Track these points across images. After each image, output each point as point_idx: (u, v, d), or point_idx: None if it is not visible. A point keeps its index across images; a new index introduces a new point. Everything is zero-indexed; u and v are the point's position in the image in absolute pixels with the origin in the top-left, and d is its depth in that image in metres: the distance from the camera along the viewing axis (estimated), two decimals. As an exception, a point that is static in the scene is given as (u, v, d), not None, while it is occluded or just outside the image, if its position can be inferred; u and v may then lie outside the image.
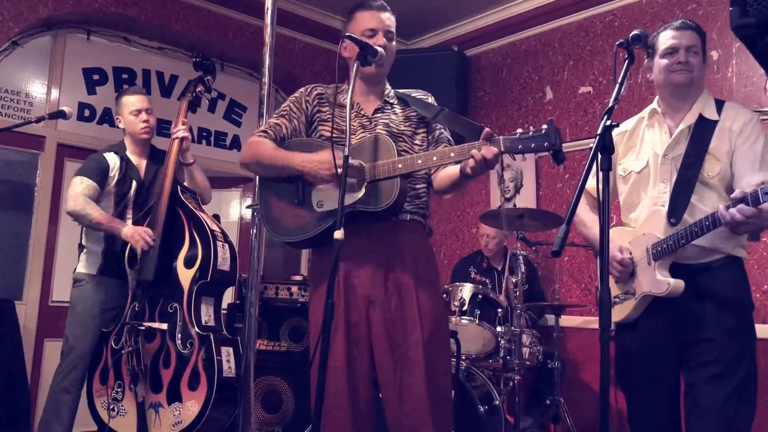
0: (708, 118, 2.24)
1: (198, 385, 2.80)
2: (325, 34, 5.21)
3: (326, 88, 2.29)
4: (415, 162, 1.99)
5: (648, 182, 2.31)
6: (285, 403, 3.75)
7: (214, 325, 3.01)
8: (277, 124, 2.24)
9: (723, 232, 2.12)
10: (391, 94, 2.29)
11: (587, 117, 4.52)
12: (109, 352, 3.02)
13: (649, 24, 4.19)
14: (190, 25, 4.72)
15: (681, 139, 2.26)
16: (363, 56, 2.02)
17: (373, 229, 2.09)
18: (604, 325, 1.64)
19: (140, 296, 3.01)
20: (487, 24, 5.13)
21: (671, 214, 2.21)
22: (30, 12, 4.14)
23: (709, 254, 2.19)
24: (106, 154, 3.24)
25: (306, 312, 3.84)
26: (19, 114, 4.27)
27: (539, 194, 4.74)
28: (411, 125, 2.24)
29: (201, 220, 3.06)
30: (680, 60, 2.24)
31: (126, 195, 3.22)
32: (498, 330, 3.55)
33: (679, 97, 2.29)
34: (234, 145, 5.25)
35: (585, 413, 3.95)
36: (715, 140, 2.20)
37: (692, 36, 2.26)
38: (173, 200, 3.10)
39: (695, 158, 2.20)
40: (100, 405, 3.00)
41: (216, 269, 2.97)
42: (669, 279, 2.18)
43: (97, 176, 3.14)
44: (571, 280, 4.48)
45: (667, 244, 2.18)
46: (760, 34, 1.39)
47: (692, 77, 2.24)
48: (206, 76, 3.41)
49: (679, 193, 2.21)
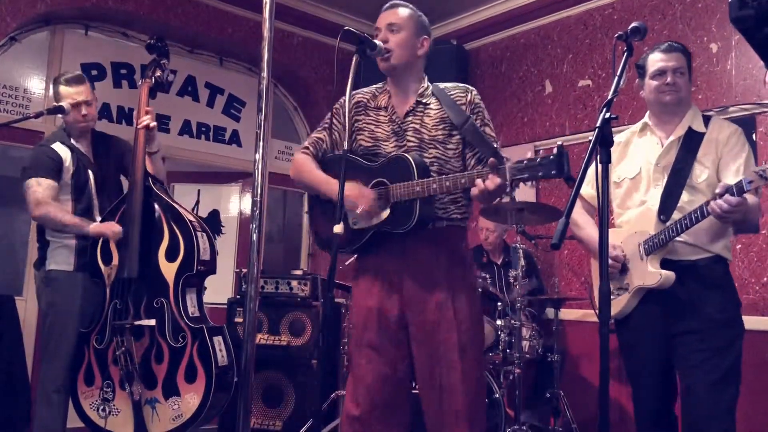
0: (696, 130, 2.43)
1: (196, 378, 2.79)
2: (324, 29, 5.19)
3: (365, 94, 2.30)
4: (431, 186, 2.00)
5: (640, 187, 2.48)
6: (285, 398, 3.77)
7: (200, 315, 2.98)
8: (318, 139, 2.30)
9: (711, 232, 2.32)
10: (428, 91, 2.22)
11: (587, 110, 4.51)
12: (92, 352, 2.93)
13: (649, 17, 4.19)
14: (189, 20, 4.71)
15: (671, 148, 2.44)
16: (362, 50, 2.04)
17: (408, 242, 2.12)
18: (603, 318, 1.65)
19: (120, 293, 2.92)
20: (487, 17, 5.11)
21: (661, 212, 2.37)
22: (28, 7, 4.13)
23: (697, 252, 2.35)
24: (54, 145, 3.07)
25: (306, 306, 3.88)
26: (17, 109, 4.27)
27: (539, 188, 4.73)
28: (445, 128, 2.16)
29: (177, 211, 2.98)
30: (668, 82, 2.42)
31: (85, 186, 3.09)
32: (498, 323, 3.56)
33: (668, 113, 2.48)
34: (233, 140, 5.24)
35: (585, 406, 3.95)
36: (703, 150, 2.39)
37: (679, 58, 2.45)
38: (147, 193, 3.00)
39: (684, 165, 2.39)
40: (89, 407, 2.93)
41: (200, 260, 2.93)
42: (661, 270, 2.34)
43: (53, 172, 3.00)
44: (570, 273, 4.49)
45: (659, 238, 2.34)
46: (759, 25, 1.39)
47: (680, 97, 2.44)
48: (161, 59, 3.26)
49: (669, 195, 2.38)
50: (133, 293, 2.92)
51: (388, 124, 2.19)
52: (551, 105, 4.72)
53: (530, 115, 4.85)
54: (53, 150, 3.05)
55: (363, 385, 2.12)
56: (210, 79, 5.16)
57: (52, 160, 3.02)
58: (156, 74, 3.22)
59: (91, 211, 3.10)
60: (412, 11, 2.24)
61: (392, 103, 2.22)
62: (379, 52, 2.12)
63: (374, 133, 2.20)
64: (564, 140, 4.60)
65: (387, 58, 2.14)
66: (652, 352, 2.39)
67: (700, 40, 3.97)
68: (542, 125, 4.76)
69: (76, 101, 3.07)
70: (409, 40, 2.18)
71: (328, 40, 5.22)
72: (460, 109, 2.16)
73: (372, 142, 2.19)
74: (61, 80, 3.13)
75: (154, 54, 3.26)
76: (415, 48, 2.20)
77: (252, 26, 4.87)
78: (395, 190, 2.06)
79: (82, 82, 3.14)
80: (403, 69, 2.19)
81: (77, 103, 3.07)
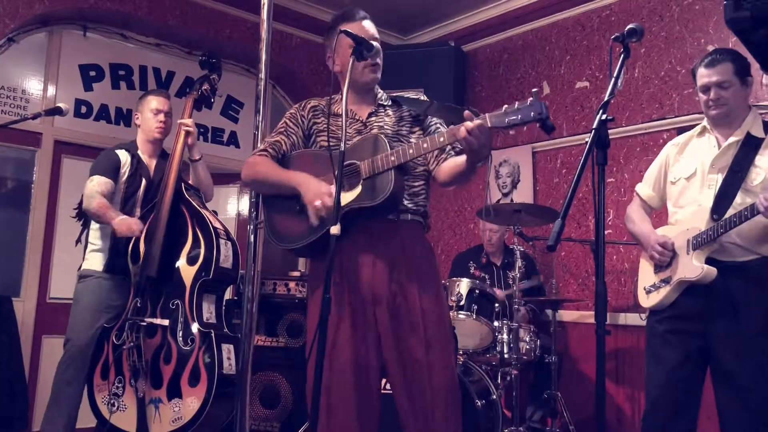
0: (755, 135, 2.42)
1: (198, 382, 2.80)
2: (321, 30, 5.11)
3: (320, 101, 2.33)
4: (407, 152, 1.99)
5: (695, 188, 2.49)
6: (283, 399, 3.76)
7: (216, 323, 3.02)
8: (276, 141, 2.27)
9: (762, 234, 2.32)
10: (384, 97, 2.30)
11: (584, 112, 4.52)
12: (110, 347, 3.02)
13: (646, 18, 4.20)
14: (187, 21, 4.71)
15: (728, 151, 2.43)
16: (359, 51, 2.03)
17: (374, 229, 2.10)
18: (599, 320, 1.65)
19: (143, 292, 3.01)
20: (484, 19, 5.12)
21: (714, 211, 2.37)
22: (26, 8, 4.12)
23: (745, 253, 2.35)
24: (118, 150, 3.26)
25: (304, 308, 3.86)
26: (15, 111, 4.26)
27: (536, 189, 4.74)
28: (406, 125, 2.25)
29: (204, 218, 3.06)
30: (711, 98, 2.44)
31: (135, 192, 3.24)
32: (495, 325, 3.56)
33: (720, 123, 2.49)
34: (231, 141, 5.25)
35: (582, 407, 3.95)
36: (761, 155, 2.38)
37: (723, 70, 2.43)
38: (177, 197, 3.10)
39: (740, 168, 2.38)
40: (101, 400, 3.00)
41: (218, 267, 2.98)
42: (703, 265, 2.35)
43: (109, 172, 3.17)
44: (567, 274, 4.49)
45: (707, 234, 2.35)
46: (754, 27, 1.39)
47: (727, 109, 2.43)
48: (212, 74, 3.41)
49: (723, 195, 2.38)
50: (153, 293, 3.00)
51: (351, 126, 2.20)
52: (549, 106, 4.69)
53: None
54: (115, 153, 3.25)
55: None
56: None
57: (111, 160, 3.22)
58: (204, 88, 3.37)
59: (132, 215, 3.21)
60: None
61: (351, 109, 2.23)
62: (375, 54, 2.12)
63: (336, 134, 2.15)
64: (561, 142, 4.63)
65: (376, 71, 2.20)
66: (684, 343, 2.39)
67: (697, 42, 3.98)
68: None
69: (159, 108, 3.28)
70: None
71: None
72: (420, 101, 2.23)
73: (335, 141, 2.13)
74: (151, 92, 3.40)
75: (206, 69, 3.42)
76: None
77: (250, 27, 4.87)
78: (367, 165, 2.05)
79: (166, 96, 3.38)
80: (376, 82, 2.26)
81: (159, 110, 3.28)
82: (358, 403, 2.06)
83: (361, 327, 2.10)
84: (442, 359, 2.10)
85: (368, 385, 2.09)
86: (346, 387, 2.06)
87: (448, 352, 2.15)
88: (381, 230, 2.11)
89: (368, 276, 2.10)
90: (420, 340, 2.06)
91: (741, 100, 2.46)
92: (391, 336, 2.09)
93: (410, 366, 2.07)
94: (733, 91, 2.43)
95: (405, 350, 2.07)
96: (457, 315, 3.51)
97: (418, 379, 2.06)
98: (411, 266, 2.12)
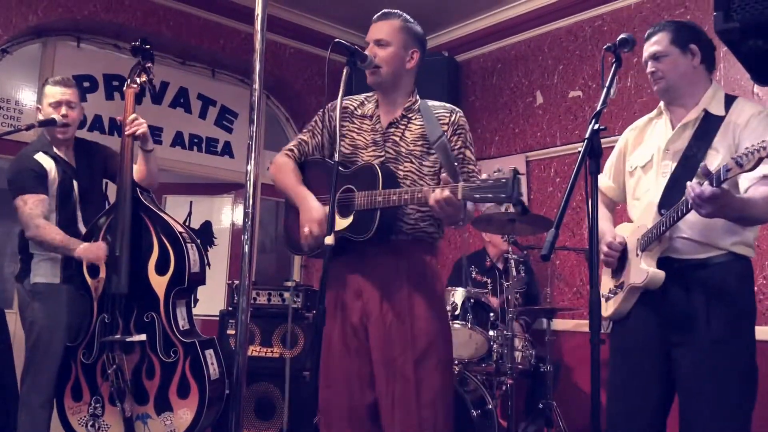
0: (714, 113, 2.12)
1: (189, 393, 2.76)
2: (316, 40, 5.21)
3: (352, 101, 2.31)
4: (391, 198, 2.00)
5: (651, 177, 2.21)
6: (278, 410, 3.74)
7: (190, 328, 2.94)
8: (303, 141, 2.32)
9: (719, 225, 2.00)
10: (415, 106, 2.22)
11: (577, 121, 4.54)
12: (79, 366, 2.85)
13: (638, 28, 4.22)
14: (180, 32, 4.72)
15: (683, 133, 2.15)
16: (352, 62, 2.05)
17: (369, 251, 2.11)
18: (594, 328, 1.66)
19: (109, 307, 2.82)
20: (477, 29, 5.15)
21: (662, 205, 2.09)
22: (19, 19, 4.13)
23: (704, 249, 2.05)
24: (37, 156, 2.93)
25: (299, 318, 3.86)
26: (8, 122, 4.26)
27: (530, 198, 4.75)
28: (423, 144, 2.16)
29: (167, 223, 2.90)
30: (648, 72, 2.21)
31: (69, 198, 2.98)
32: (490, 334, 3.55)
33: (669, 100, 2.23)
34: (225, 152, 5.24)
35: (578, 416, 3.95)
36: (719, 135, 2.07)
37: (655, 41, 2.19)
38: (135, 204, 2.90)
39: (696, 152, 2.09)
40: (77, 422, 2.85)
41: (191, 273, 2.87)
42: (648, 269, 2.07)
43: (37, 186, 2.87)
44: (562, 283, 4.50)
45: (652, 233, 2.07)
46: (744, 38, 1.40)
47: (665, 83, 2.17)
48: (146, 62, 3.12)
49: (672, 186, 2.10)
50: (123, 307, 2.83)
51: (369, 133, 2.21)
52: (542, 116, 4.74)
53: (521, 126, 4.87)
54: (36, 162, 2.92)
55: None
56: (202, 91, 5.16)
57: (35, 173, 2.89)
58: (141, 79, 3.11)
59: (75, 221, 3.00)
60: (402, 22, 2.20)
61: (378, 113, 2.23)
62: (368, 65, 2.13)
63: (354, 141, 2.22)
64: (554, 151, 4.64)
65: (374, 73, 2.16)
66: (643, 362, 2.12)
67: (688, 52, 4.01)
68: (533, 136, 4.79)
69: (57, 100, 2.94)
70: (397, 54, 2.17)
71: (320, 51, 5.24)
72: (439, 127, 2.13)
73: (351, 150, 2.21)
74: (48, 81, 3.05)
75: (139, 57, 3.11)
76: (403, 62, 2.18)
77: (244, 38, 4.88)
78: (359, 199, 2.07)
79: (68, 85, 3.02)
80: (391, 83, 2.20)
81: (58, 101, 2.94)
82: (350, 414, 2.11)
83: (353, 339, 2.13)
84: (434, 378, 2.08)
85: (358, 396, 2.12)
86: (340, 406, 2.11)
87: (442, 372, 2.12)
88: (375, 253, 2.12)
89: (358, 295, 2.13)
90: (407, 360, 2.06)
91: (685, 72, 2.15)
92: (380, 353, 2.09)
93: (395, 381, 2.06)
94: (670, 62, 2.14)
95: (392, 367, 2.07)
96: (452, 324, 3.50)
97: (406, 395, 2.05)
98: (404, 286, 2.11)
